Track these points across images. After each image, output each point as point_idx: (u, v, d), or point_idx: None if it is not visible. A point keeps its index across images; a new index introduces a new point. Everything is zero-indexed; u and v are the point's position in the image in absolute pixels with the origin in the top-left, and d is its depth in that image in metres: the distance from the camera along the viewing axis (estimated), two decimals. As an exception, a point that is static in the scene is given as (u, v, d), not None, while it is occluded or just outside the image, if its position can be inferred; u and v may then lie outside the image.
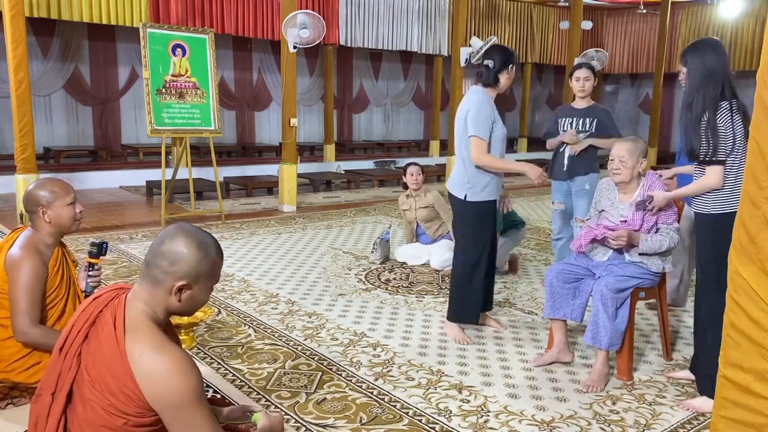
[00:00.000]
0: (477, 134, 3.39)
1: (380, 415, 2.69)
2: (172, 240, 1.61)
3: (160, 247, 1.61)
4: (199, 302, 1.69)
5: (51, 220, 2.53)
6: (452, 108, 10.03)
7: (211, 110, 7.19)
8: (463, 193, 3.51)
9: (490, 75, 3.49)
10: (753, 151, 1.50)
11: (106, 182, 9.93)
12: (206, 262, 1.63)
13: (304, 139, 14.53)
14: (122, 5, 9.28)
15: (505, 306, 4.26)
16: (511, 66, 3.51)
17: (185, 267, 1.60)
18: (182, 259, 1.60)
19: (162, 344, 1.58)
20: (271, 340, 3.53)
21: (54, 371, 1.65)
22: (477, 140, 3.40)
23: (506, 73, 3.51)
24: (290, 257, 5.51)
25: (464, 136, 3.47)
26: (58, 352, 1.66)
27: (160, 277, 1.61)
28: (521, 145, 16.60)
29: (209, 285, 1.69)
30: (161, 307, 1.64)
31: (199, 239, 1.64)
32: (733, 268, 1.55)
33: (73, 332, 1.65)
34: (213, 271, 1.67)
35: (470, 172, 3.47)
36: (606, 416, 2.73)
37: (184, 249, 1.60)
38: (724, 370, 1.58)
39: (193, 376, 1.55)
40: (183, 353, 1.59)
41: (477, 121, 3.39)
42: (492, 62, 3.48)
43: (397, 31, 12.98)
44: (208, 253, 1.64)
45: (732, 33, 15.37)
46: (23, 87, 6.44)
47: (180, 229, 1.64)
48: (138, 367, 1.54)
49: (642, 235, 3.07)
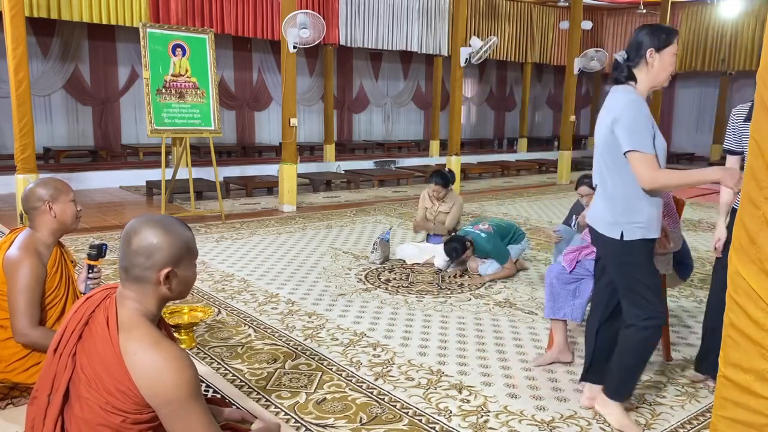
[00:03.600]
0: (639, 148, 2.41)
1: (380, 415, 2.69)
2: (138, 235, 1.61)
3: (130, 247, 1.61)
4: (190, 281, 1.70)
5: (57, 214, 2.54)
6: (452, 108, 10.03)
7: (211, 110, 7.19)
8: (617, 231, 2.52)
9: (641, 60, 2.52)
10: (753, 151, 1.50)
11: (106, 182, 9.94)
12: (179, 242, 1.63)
13: (304, 139, 14.54)
14: (122, 5, 9.28)
15: (505, 306, 4.26)
16: (665, 45, 2.50)
17: (163, 255, 1.60)
18: (156, 249, 1.60)
19: (156, 341, 1.58)
20: (271, 340, 3.53)
21: (49, 372, 1.65)
22: (641, 156, 2.41)
23: (659, 57, 2.50)
24: (290, 257, 5.51)
25: (612, 155, 2.52)
26: (52, 353, 1.67)
27: (142, 275, 1.61)
28: (521, 145, 16.60)
29: (191, 261, 1.69)
30: (152, 301, 1.65)
31: (162, 224, 1.63)
32: (733, 268, 1.54)
33: (66, 333, 1.66)
34: (189, 247, 1.67)
35: (625, 201, 2.51)
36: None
37: (154, 239, 1.60)
38: (724, 370, 1.58)
39: (188, 371, 1.56)
40: (178, 349, 1.59)
41: (634, 130, 2.43)
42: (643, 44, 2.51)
43: (397, 31, 12.98)
44: (177, 233, 1.64)
45: (732, 33, 15.38)
46: (23, 87, 6.44)
47: (139, 223, 1.64)
48: (133, 364, 1.55)
49: None
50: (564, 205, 8.77)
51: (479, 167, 12.92)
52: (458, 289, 4.65)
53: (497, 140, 18.28)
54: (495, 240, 4.93)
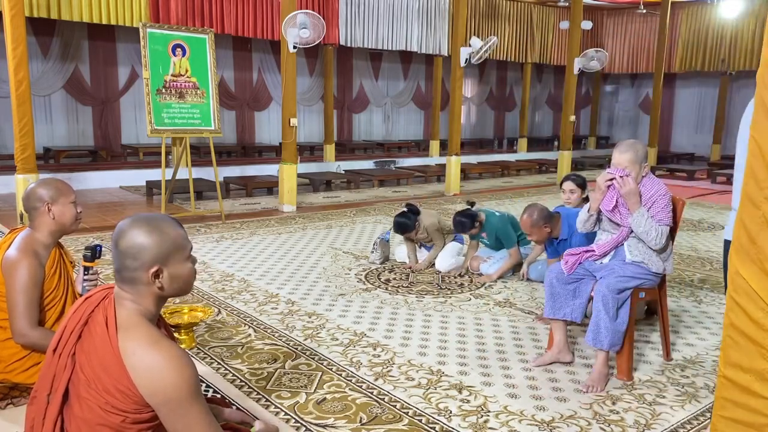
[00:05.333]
0: None
1: (380, 415, 2.69)
2: (125, 237, 1.61)
3: (118, 249, 1.62)
4: (184, 277, 1.69)
5: (55, 216, 2.54)
6: (452, 108, 10.03)
7: (211, 110, 7.19)
8: None
9: None
10: (753, 151, 1.49)
11: (106, 182, 9.94)
12: (166, 240, 1.63)
13: (304, 139, 14.54)
14: (122, 5, 9.28)
15: (505, 306, 4.26)
16: None
17: (149, 254, 1.61)
18: (142, 248, 1.60)
19: (155, 340, 1.59)
20: (271, 340, 3.53)
21: (49, 372, 1.66)
22: None
23: None
24: (290, 257, 5.51)
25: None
26: (51, 353, 1.67)
27: (133, 276, 1.62)
28: (521, 146, 16.61)
29: (183, 257, 1.68)
30: (149, 300, 1.65)
31: (148, 224, 1.63)
32: (733, 268, 1.54)
33: (65, 333, 1.66)
34: (178, 243, 1.66)
35: None
36: (606, 416, 2.73)
37: (140, 239, 1.60)
38: (724, 370, 1.58)
39: (188, 371, 1.56)
40: (178, 349, 1.59)
41: None
42: None
43: (397, 31, 12.98)
44: (163, 231, 1.64)
45: (732, 33, 15.38)
46: (23, 87, 6.44)
47: (126, 225, 1.64)
48: (132, 363, 1.55)
49: (642, 209, 3.04)
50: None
51: (479, 167, 12.93)
52: (458, 289, 4.65)
53: (497, 140, 18.29)
54: (507, 224, 4.87)
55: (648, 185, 3.12)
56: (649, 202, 3.08)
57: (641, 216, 3.02)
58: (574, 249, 3.30)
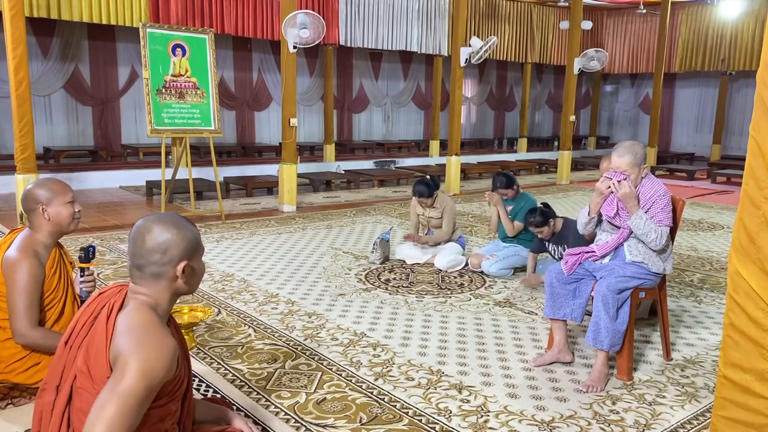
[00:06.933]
0: None
1: (380, 415, 2.69)
2: (151, 233, 1.64)
3: (144, 246, 1.63)
4: (200, 274, 1.76)
5: (51, 217, 2.54)
6: (452, 108, 10.03)
7: (211, 110, 7.19)
8: None
9: None
10: (753, 151, 1.50)
11: (106, 182, 9.94)
12: (191, 235, 1.70)
13: (304, 139, 14.54)
14: (122, 5, 9.28)
15: (505, 306, 4.26)
16: None
17: (179, 250, 1.65)
18: (171, 244, 1.64)
19: (152, 323, 1.58)
20: (271, 340, 3.53)
21: (59, 364, 1.67)
22: None
23: None
24: (290, 257, 5.51)
25: None
26: (63, 346, 1.69)
27: (159, 271, 1.63)
28: (521, 145, 16.61)
29: (201, 254, 1.76)
30: (166, 296, 1.67)
31: (172, 221, 1.68)
32: (733, 268, 1.54)
33: (78, 326, 1.68)
34: (198, 241, 1.74)
35: None
36: (606, 416, 2.73)
37: (167, 235, 1.64)
38: (724, 370, 1.58)
39: (160, 366, 1.49)
40: (173, 345, 1.57)
41: None
42: None
43: (396, 31, 12.98)
44: (187, 227, 1.70)
45: (732, 33, 15.37)
46: (23, 87, 6.43)
47: (150, 221, 1.67)
48: (114, 335, 1.55)
49: (640, 211, 3.04)
50: (564, 205, 8.77)
51: (479, 167, 12.92)
52: (458, 289, 4.65)
53: (497, 140, 18.28)
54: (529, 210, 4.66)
55: (647, 186, 3.12)
56: (649, 203, 3.08)
57: (639, 218, 3.02)
58: (574, 249, 3.30)
